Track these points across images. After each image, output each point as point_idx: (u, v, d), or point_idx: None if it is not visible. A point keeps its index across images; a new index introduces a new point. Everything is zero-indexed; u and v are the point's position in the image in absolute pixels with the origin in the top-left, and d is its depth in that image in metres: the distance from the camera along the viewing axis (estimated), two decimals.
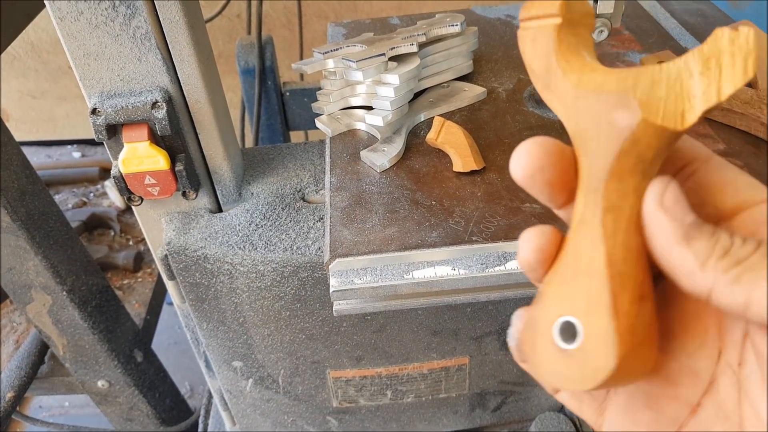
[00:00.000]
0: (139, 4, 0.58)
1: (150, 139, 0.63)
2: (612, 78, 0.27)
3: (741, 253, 0.24)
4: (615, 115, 0.26)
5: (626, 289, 0.26)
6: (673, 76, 0.25)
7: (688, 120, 0.25)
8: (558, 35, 0.29)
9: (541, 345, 0.28)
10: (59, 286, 0.89)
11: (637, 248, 0.26)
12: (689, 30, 0.86)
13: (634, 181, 0.26)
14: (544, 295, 0.29)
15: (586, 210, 0.27)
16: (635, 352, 0.26)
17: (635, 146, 0.26)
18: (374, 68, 0.68)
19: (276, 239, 0.69)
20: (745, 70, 0.24)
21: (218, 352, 0.81)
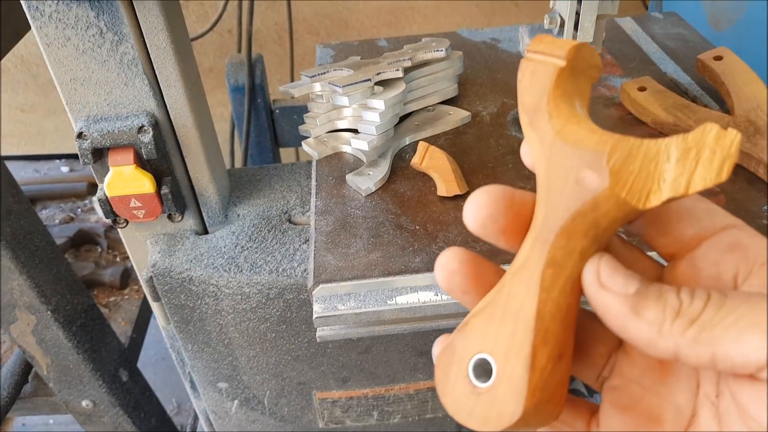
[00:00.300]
0: (127, 30, 0.58)
1: (136, 162, 0.64)
2: (592, 137, 0.27)
3: (692, 311, 0.24)
4: (584, 174, 0.26)
5: (547, 346, 0.26)
6: (651, 154, 0.25)
7: (651, 201, 0.25)
8: (557, 78, 0.28)
9: (454, 375, 0.28)
10: (44, 306, 0.89)
11: (567, 308, 0.27)
12: (670, 54, 0.87)
13: (583, 243, 0.27)
14: (469, 327, 0.29)
15: (530, 257, 0.27)
16: (541, 407, 0.26)
17: (594, 211, 0.26)
18: (360, 93, 0.69)
19: (262, 261, 0.69)
20: (720, 171, 0.23)
21: (203, 374, 0.81)
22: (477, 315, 0.29)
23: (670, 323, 0.24)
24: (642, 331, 0.25)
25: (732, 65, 0.75)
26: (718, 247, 0.27)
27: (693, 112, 0.71)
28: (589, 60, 0.30)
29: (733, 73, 0.74)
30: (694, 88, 0.80)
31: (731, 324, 0.23)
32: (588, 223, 0.26)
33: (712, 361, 0.24)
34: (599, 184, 0.26)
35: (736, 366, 0.23)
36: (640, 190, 0.25)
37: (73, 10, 0.57)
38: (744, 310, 0.23)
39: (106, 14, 0.58)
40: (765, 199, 0.63)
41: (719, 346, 0.23)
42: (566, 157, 0.27)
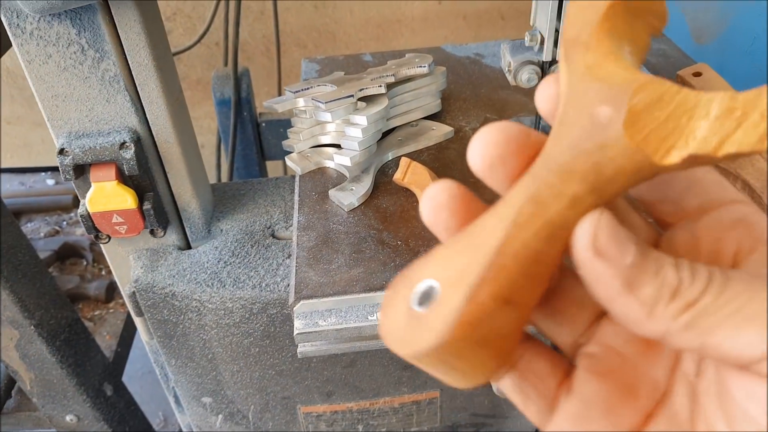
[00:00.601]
0: (108, 47, 0.58)
1: (118, 178, 0.64)
2: (623, 75, 0.24)
3: (691, 293, 0.22)
4: (601, 108, 0.23)
5: (496, 283, 0.23)
6: (687, 105, 0.22)
7: (671, 157, 0.22)
8: (607, 10, 0.25)
9: (400, 296, 0.26)
10: (27, 321, 0.88)
11: (536, 255, 0.24)
12: (650, 70, 0.88)
13: (577, 188, 0.23)
14: (431, 254, 0.26)
15: (516, 190, 0.24)
16: (467, 346, 0.23)
17: (600, 151, 0.23)
18: (343, 109, 0.69)
19: (245, 276, 0.69)
20: (762, 137, 0.20)
21: (187, 388, 0.81)
22: (444, 244, 0.26)
23: (664, 305, 0.22)
24: (632, 308, 0.22)
25: (711, 82, 0.76)
26: (722, 220, 0.25)
27: None
28: (652, 4, 0.26)
29: (712, 89, 0.75)
30: None
31: (730, 314, 0.21)
32: (590, 165, 0.23)
33: (701, 348, 0.22)
34: (613, 121, 0.23)
35: (726, 357, 0.22)
36: (661, 141, 0.22)
37: (54, 28, 0.57)
38: (745, 298, 0.21)
39: (88, 31, 0.58)
40: None
41: (713, 335, 0.21)
42: (589, 91, 0.24)
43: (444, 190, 0.26)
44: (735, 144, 0.20)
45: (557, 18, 0.62)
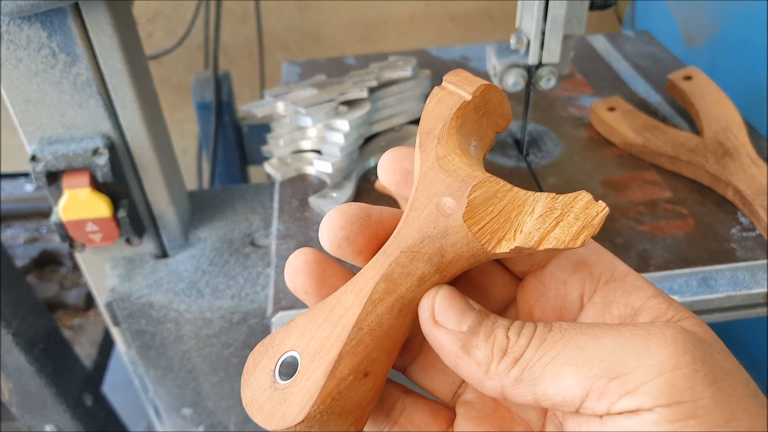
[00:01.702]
0: (80, 51, 0.57)
1: (91, 185, 0.62)
2: (466, 170, 0.26)
3: (516, 349, 0.24)
4: (444, 200, 0.26)
5: (355, 358, 0.25)
6: (517, 202, 0.25)
7: (501, 247, 0.25)
8: (458, 109, 0.28)
9: (262, 366, 0.27)
10: (4, 330, 0.86)
11: (389, 328, 0.26)
12: (641, 73, 0.87)
13: (424, 269, 0.26)
14: (292, 323, 0.28)
15: (371, 267, 0.27)
16: (329, 418, 0.25)
17: (442, 238, 0.26)
18: (323, 114, 0.67)
19: (224, 285, 0.67)
20: (576, 237, 0.23)
21: (167, 399, 0.79)
22: (304, 314, 0.28)
23: (497, 363, 0.24)
24: (471, 369, 0.25)
25: (701, 85, 0.75)
26: (564, 265, 0.27)
27: (662, 133, 0.70)
28: (499, 106, 0.30)
29: (702, 93, 0.74)
30: (665, 108, 0.79)
31: (549, 362, 0.23)
32: (434, 249, 0.26)
33: (534, 400, 0.24)
34: (453, 212, 0.26)
35: (557, 405, 0.23)
36: (493, 233, 0.25)
37: (24, 31, 0.56)
38: (561, 345, 0.23)
39: (59, 35, 0.56)
40: (733, 222, 0.62)
41: (539, 385, 0.23)
42: (435, 182, 0.27)
43: (299, 256, 0.29)
44: (553, 241, 0.24)
45: (543, 20, 0.61)
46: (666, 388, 0.21)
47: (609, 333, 0.23)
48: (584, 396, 0.22)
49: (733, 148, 0.66)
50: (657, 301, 0.25)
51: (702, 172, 0.66)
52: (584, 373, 0.22)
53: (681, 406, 0.21)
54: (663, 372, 0.21)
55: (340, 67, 0.91)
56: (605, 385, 0.22)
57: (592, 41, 0.97)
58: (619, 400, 0.22)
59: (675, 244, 0.60)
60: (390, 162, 0.29)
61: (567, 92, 0.84)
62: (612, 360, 0.22)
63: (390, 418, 0.29)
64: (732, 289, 0.57)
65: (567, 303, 0.27)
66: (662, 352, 0.22)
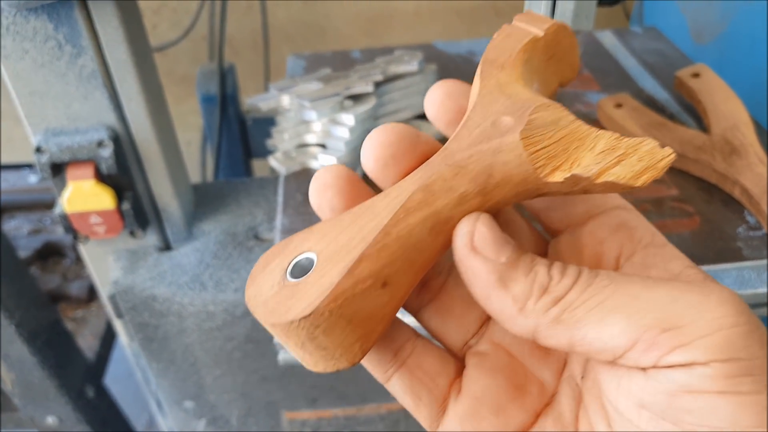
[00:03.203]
0: (86, 43, 0.57)
1: (96, 177, 0.62)
2: (528, 95, 0.25)
3: (559, 289, 0.23)
4: (503, 117, 0.25)
5: (377, 262, 0.23)
6: (578, 135, 0.24)
7: (555, 176, 0.23)
8: (528, 43, 0.27)
9: (273, 266, 0.25)
10: (7, 321, 0.86)
11: (418, 242, 0.24)
12: (648, 70, 0.86)
13: (467, 187, 0.24)
14: (314, 227, 0.26)
15: (409, 179, 0.25)
16: (336, 321, 0.23)
17: (494, 155, 0.24)
18: (328, 108, 0.67)
19: (227, 279, 0.67)
20: (637, 175, 0.22)
21: (169, 392, 0.79)
22: (327, 219, 0.26)
23: (535, 300, 0.23)
24: (505, 304, 0.23)
25: (709, 83, 0.74)
26: (604, 225, 0.26)
27: (669, 131, 0.70)
28: (569, 52, 0.29)
29: (710, 90, 0.73)
30: (672, 105, 0.79)
31: (594, 306, 0.22)
32: (483, 166, 0.24)
33: (569, 344, 0.23)
34: (512, 129, 0.24)
35: (594, 351, 0.22)
36: (549, 159, 0.24)
37: (30, 23, 0.56)
38: (609, 291, 0.22)
39: (65, 26, 0.56)
40: (740, 221, 0.62)
41: (579, 328, 0.22)
42: (496, 102, 0.25)
43: (330, 171, 0.27)
44: (613, 175, 0.22)
45: (551, 14, 0.60)
46: (724, 344, 0.21)
47: (663, 285, 0.22)
48: (630, 346, 0.21)
49: (741, 147, 0.65)
50: (695, 271, 0.25)
51: (709, 170, 0.66)
52: (635, 321, 0.21)
53: (738, 362, 0.20)
54: (722, 328, 0.21)
55: (345, 61, 0.90)
56: (656, 336, 0.21)
57: (600, 37, 0.96)
58: (670, 352, 0.21)
59: (681, 243, 0.60)
60: (444, 98, 0.27)
61: (574, 88, 0.83)
62: (667, 311, 0.21)
63: (398, 358, 0.27)
64: (738, 288, 0.57)
65: (603, 262, 0.26)
66: (721, 309, 0.21)
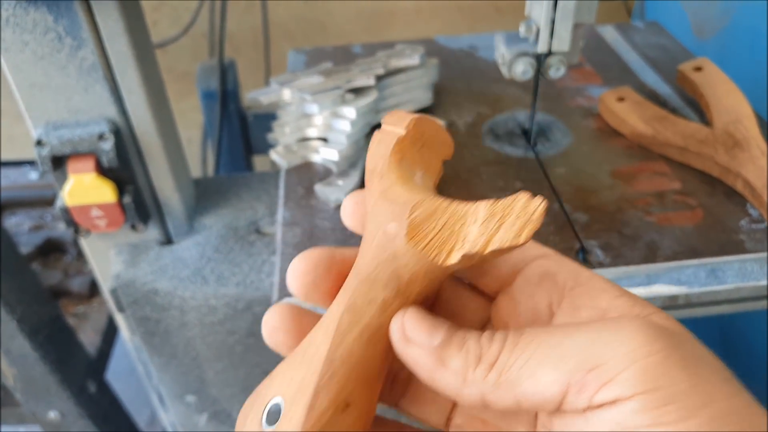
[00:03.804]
0: (86, 35, 0.56)
1: (97, 170, 0.61)
2: (406, 196, 0.28)
3: (491, 355, 0.24)
4: (389, 225, 0.27)
5: (332, 391, 0.26)
6: (458, 215, 0.26)
7: (451, 259, 0.26)
8: (396, 145, 0.30)
9: (251, 418, 0.28)
10: (9, 316, 0.86)
11: (361, 357, 0.27)
12: (650, 64, 0.86)
13: (384, 294, 0.27)
14: (274, 372, 0.29)
15: (335, 303, 0.28)
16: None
17: (394, 261, 0.27)
18: (330, 101, 0.67)
19: (228, 273, 0.67)
20: (519, 234, 0.25)
21: (171, 387, 0.79)
22: (284, 361, 0.29)
23: (473, 370, 0.25)
24: (448, 381, 0.25)
25: (711, 76, 0.74)
26: (530, 279, 0.28)
27: (672, 124, 0.70)
28: (436, 136, 0.32)
29: (712, 84, 0.73)
30: (674, 99, 0.79)
31: (524, 363, 0.24)
32: (389, 273, 0.27)
33: (516, 403, 0.24)
34: (398, 234, 0.27)
35: (538, 404, 0.23)
36: (440, 247, 0.26)
37: (30, 15, 0.55)
38: (534, 346, 0.24)
39: (65, 18, 0.56)
40: (742, 214, 0.62)
41: (518, 387, 0.23)
42: (381, 213, 0.28)
43: (274, 315, 0.30)
44: (498, 242, 0.25)
45: (553, 8, 0.60)
46: (642, 375, 0.21)
47: (580, 329, 0.24)
48: (564, 392, 0.23)
49: (743, 140, 0.65)
50: (622, 300, 0.26)
51: (711, 163, 0.65)
52: (561, 368, 0.23)
53: (659, 392, 0.21)
54: (637, 359, 0.22)
55: (346, 56, 0.90)
56: (583, 377, 0.22)
57: (602, 32, 0.96)
58: (598, 391, 0.22)
59: (683, 235, 0.59)
60: (354, 206, 0.31)
61: (576, 82, 0.83)
62: (586, 353, 0.23)
63: None
64: (740, 281, 0.56)
65: (538, 314, 0.28)
66: (633, 340, 0.22)
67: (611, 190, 0.64)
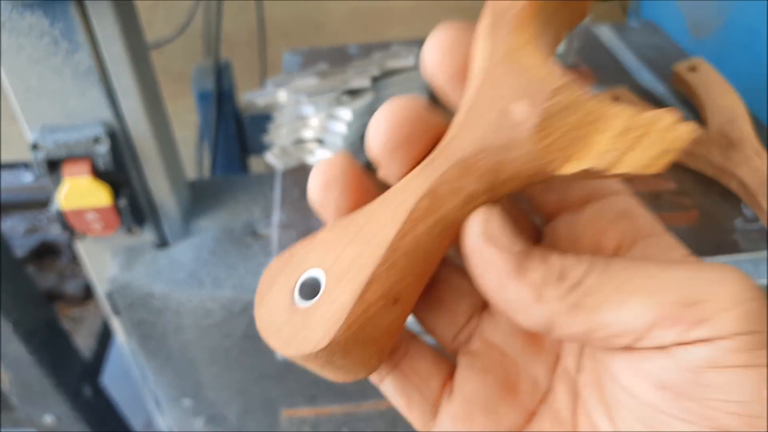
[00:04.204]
0: (81, 39, 0.56)
1: (92, 174, 0.61)
2: (542, 70, 0.22)
3: (575, 275, 0.22)
4: (516, 105, 0.22)
5: (387, 281, 0.23)
6: (593, 116, 0.21)
7: (568, 168, 0.22)
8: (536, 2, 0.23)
9: (279, 285, 0.24)
10: (4, 320, 0.86)
11: (426, 251, 0.23)
12: (646, 64, 0.86)
13: (474, 187, 0.23)
14: (316, 239, 0.25)
15: (412, 181, 0.23)
16: (353, 346, 0.23)
17: (504, 151, 0.22)
18: (326, 103, 0.67)
19: (224, 275, 0.67)
20: (652, 162, 0.21)
21: (167, 390, 0.79)
22: (330, 229, 0.24)
23: (552, 287, 0.22)
24: (520, 293, 0.22)
25: (706, 76, 0.74)
26: (604, 213, 0.25)
27: None
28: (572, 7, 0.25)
29: (707, 84, 0.73)
30: (669, 99, 0.79)
31: (613, 289, 0.21)
32: (491, 164, 0.22)
33: (587, 332, 0.22)
34: (524, 122, 0.22)
35: (612, 336, 0.21)
36: (561, 150, 0.22)
37: (26, 19, 0.55)
38: (627, 274, 0.21)
39: (61, 22, 0.56)
40: (737, 214, 0.62)
41: (598, 313, 0.21)
42: (506, 81, 0.22)
43: (334, 164, 0.24)
44: (627, 164, 0.21)
45: None
46: (745, 317, 0.20)
47: (680, 265, 0.22)
48: (652, 325, 0.21)
49: (738, 140, 0.65)
50: (694, 259, 0.24)
51: (706, 163, 0.66)
52: (656, 300, 0.21)
53: (759, 335, 0.20)
54: (740, 302, 0.20)
55: (342, 56, 0.90)
56: (679, 312, 0.20)
57: (597, 32, 0.96)
58: (693, 328, 0.20)
59: (679, 235, 0.59)
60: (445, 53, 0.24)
61: None
62: (687, 288, 0.21)
63: (391, 360, 0.27)
64: None
65: (601, 252, 0.25)
66: (740, 283, 0.21)
67: None
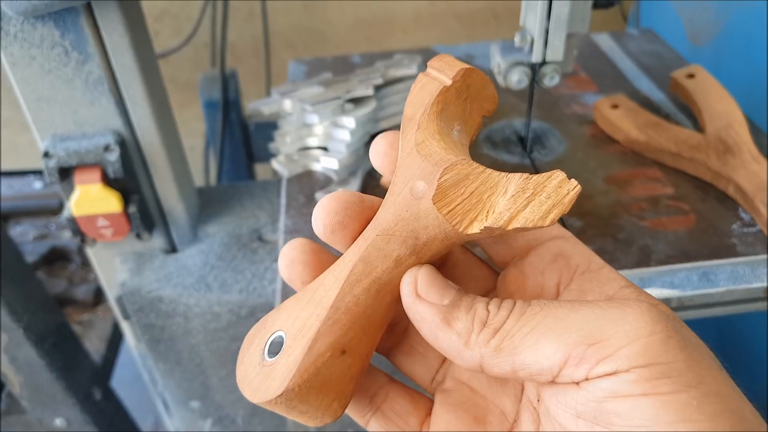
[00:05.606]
0: (92, 50, 0.58)
1: (102, 181, 0.63)
2: (441, 155, 0.27)
3: (497, 321, 0.25)
4: (417, 183, 0.27)
5: (332, 336, 0.27)
6: (490, 184, 0.26)
7: (472, 228, 0.25)
8: (439, 95, 0.28)
9: (254, 346, 0.29)
10: (15, 324, 0.87)
11: (366, 309, 0.27)
12: (645, 71, 0.87)
13: (400, 251, 0.27)
14: (282, 306, 0.29)
15: (351, 251, 0.28)
16: (308, 393, 0.27)
17: (415, 221, 0.26)
18: (330, 111, 0.69)
19: (232, 280, 0.68)
20: (544, 215, 0.24)
21: (175, 393, 0.80)
22: (293, 297, 0.29)
23: (477, 333, 0.25)
24: (451, 341, 0.26)
25: (704, 83, 0.76)
26: (543, 256, 0.29)
27: (664, 130, 0.71)
28: (482, 89, 0.30)
29: (704, 91, 0.75)
30: (668, 106, 0.80)
31: (528, 332, 0.24)
32: (408, 231, 0.27)
33: (513, 371, 0.24)
34: (424, 195, 0.26)
35: (534, 374, 0.24)
36: (464, 214, 0.26)
37: (38, 30, 0.57)
38: (540, 317, 0.24)
39: (71, 33, 0.57)
40: (734, 218, 0.63)
41: (518, 354, 0.24)
42: (412, 167, 0.27)
43: (295, 247, 0.30)
44: (522, 220, 0.24)
45: (547, 18, 0.62)
46: (643, 351, 0.22)
47: (586, 306, 0.24)
48: (563, 363, 0.23)
49: (735, 145, 0.66)
50: (629, 290, 0.27)
51: (704, 168, 0.67)
52: (563, 340, 0.23)
53: (657, 366, 0.22)
54: (639, 337, 0.23)
55: (346, 66, 0.92)
56: (584, 351, 0.23)
57: (597, 40, 0.97)
58: (597, 364, 0.23)
59: (676, 240, 0.61)
60: (387, 148, 0.29)
61: (571, 90, 0.85)
62: (590, 328, 0.23)
63: (373, 404, 0.31)
64: (732, 284, 0.58)
65: (544, 291, 0.28)
66: (638, 320, 0.23)
67: (605, 196, 0.65)
